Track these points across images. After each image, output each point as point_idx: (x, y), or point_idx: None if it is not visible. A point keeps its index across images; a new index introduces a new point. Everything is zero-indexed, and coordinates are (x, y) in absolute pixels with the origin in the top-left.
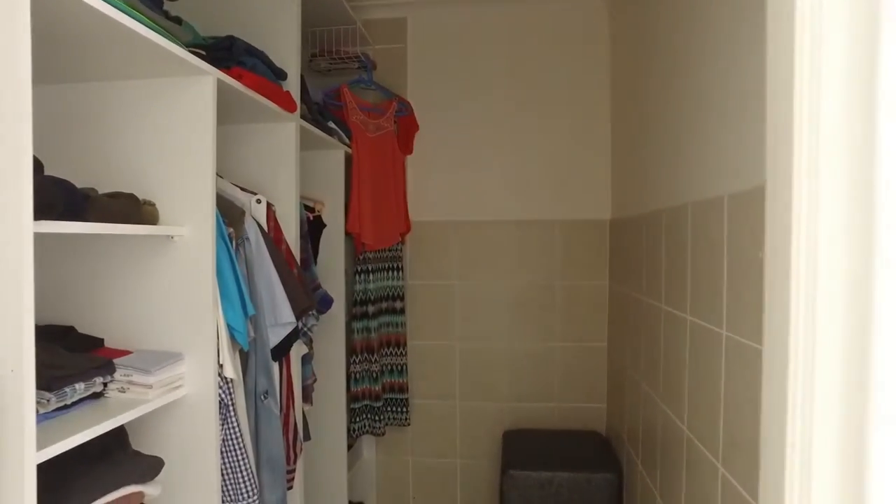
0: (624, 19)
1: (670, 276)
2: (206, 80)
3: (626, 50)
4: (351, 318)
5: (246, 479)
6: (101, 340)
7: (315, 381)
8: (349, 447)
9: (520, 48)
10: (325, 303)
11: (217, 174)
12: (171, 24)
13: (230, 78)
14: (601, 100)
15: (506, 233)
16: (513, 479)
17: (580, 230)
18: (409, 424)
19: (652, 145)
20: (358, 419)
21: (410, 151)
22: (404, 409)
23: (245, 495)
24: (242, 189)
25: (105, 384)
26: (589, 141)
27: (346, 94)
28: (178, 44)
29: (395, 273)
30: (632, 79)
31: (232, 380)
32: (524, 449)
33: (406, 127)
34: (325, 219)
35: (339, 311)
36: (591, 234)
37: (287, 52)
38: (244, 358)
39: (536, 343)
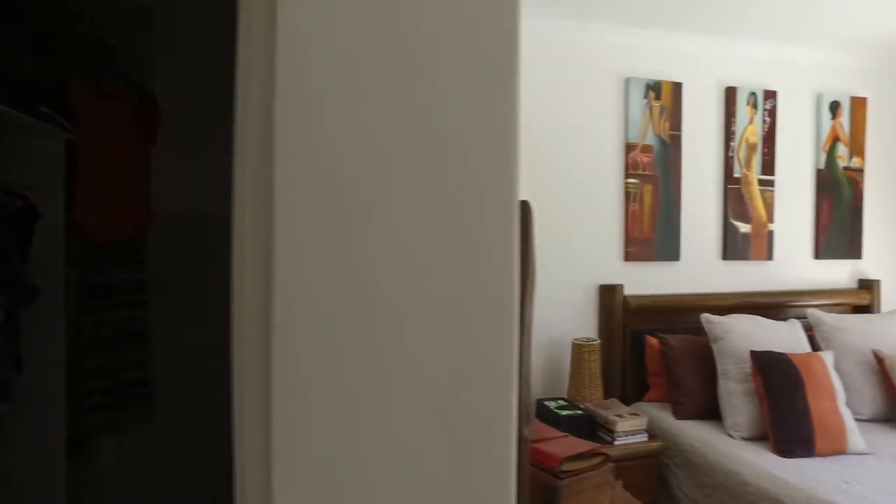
0: None
1: None
2: None
3: None
4: (80, 311)
5: None
6: None
7: (18, 377)
8: (80, 448)
9: None
10: (28, 294)
11: None
12: None
13: None
14: None
15: None
16: None
17: None
18: (153, 421)
19: None
20: (90, 417)
21: (153, 141)
22: (147, 404)
23: None
24: None
25: None
26: None
27: (74, 80)
28: None
29: (135, 266)
30: None
31: None
32: None
33: (147, 116)
34: (40, 209)
35: (56, 304)
36: None
37: None
38: None
39: None
